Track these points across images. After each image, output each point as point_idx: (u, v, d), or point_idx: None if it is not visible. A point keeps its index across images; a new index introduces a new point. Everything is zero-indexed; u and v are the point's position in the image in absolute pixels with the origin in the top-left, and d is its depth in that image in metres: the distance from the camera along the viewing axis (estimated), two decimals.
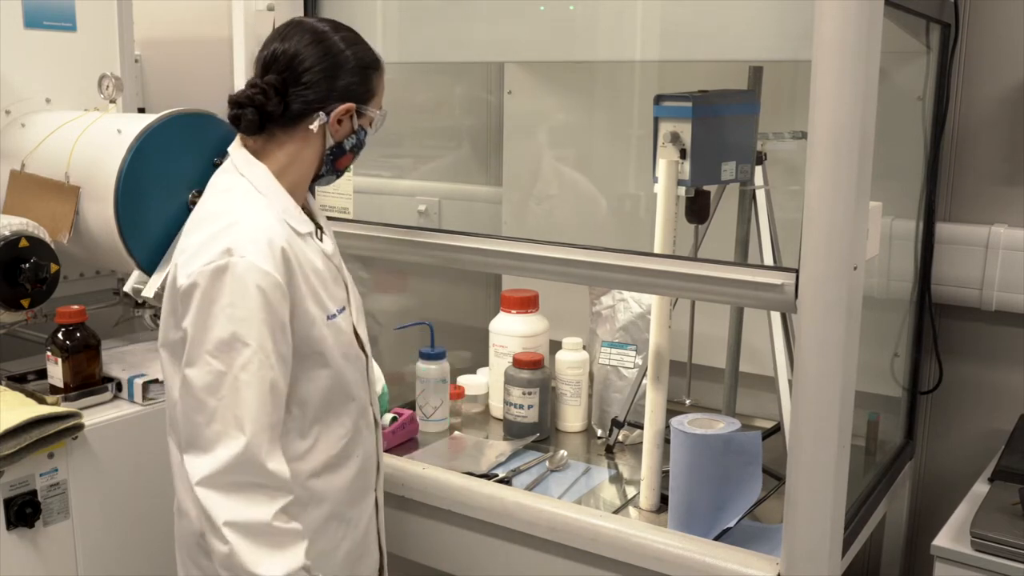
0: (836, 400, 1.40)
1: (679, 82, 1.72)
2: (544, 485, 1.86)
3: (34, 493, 1.74)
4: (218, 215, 1.42)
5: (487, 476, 1.87)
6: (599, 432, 2.10)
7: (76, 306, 1.94)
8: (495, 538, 1.74)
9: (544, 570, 1.70)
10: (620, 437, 2.03)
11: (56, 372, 1.91)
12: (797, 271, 1.40)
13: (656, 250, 1.65)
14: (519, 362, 2.08)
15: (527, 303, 2.20)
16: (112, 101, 2.25)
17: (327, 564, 1.52)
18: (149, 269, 2.00)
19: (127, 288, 2.03)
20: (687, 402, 2.06)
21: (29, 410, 1.74)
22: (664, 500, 1.72)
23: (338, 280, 1.55)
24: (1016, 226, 2.02)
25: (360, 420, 1.55)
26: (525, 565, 1.72)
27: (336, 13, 1.78)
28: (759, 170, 1.80)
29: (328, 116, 1.47)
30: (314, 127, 1.46)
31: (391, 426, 2.00)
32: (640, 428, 1.88)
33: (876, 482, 1.90)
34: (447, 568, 1.84)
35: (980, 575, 1.58)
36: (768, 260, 1.79)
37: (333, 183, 1.65)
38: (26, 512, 1.72)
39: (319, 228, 1.56)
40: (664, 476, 1.73)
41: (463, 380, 2.28)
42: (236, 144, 1.51)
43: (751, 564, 1.51)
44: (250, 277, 1.34)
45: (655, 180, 1.67)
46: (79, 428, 1.80)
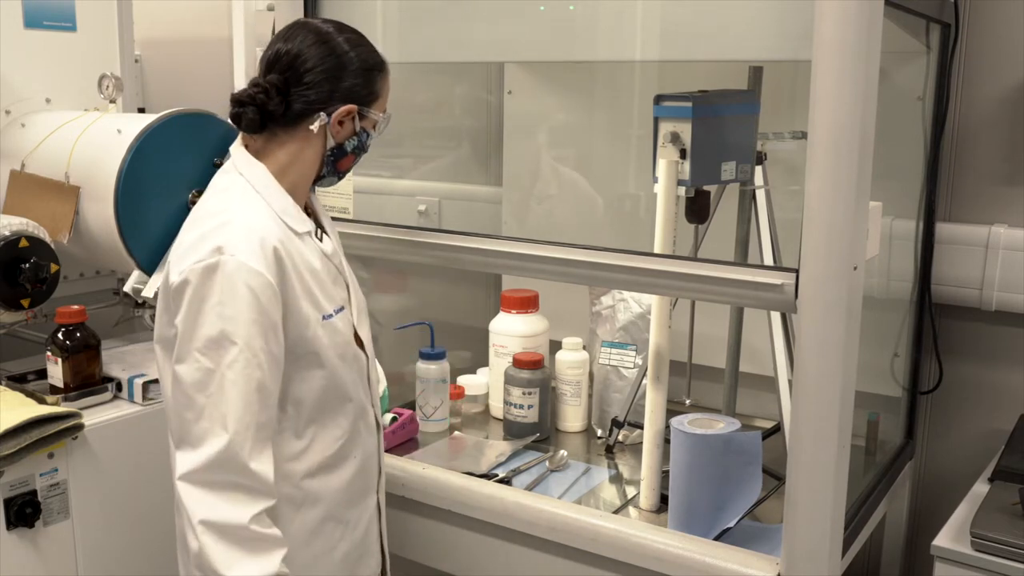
0: (836, 400, 1.40)
1: (679, 82, 1.72)
2: (544, 485, 1.86)
3: (34, 493, 1.74)
4: (213, 214, 1.42)
5: (487, 476, 1.87)
6: (599, 432, 2.10)
7: (76, 306, 1.94)
8: (495, 538, 1.74)
9: (544, 570, 1.70)
10: (620, 437, 2.03)
11: (56, 372, 1.91)
12: (797, 271, 1.40)
13: (656, 250, 1.65)
14: (519, 362, 2.08)
15: (527, 303, 2.20)
16: (112, 101, 2.25)
17: (324, 565, 1.52)
18: (149, 269, 2.00)
19: (127, 288, 2.03)
20: (687, 402, 2.06)
21: (29, 410, 1.74)
22: (664, 500, 1.72)
23: (338, 280, 1.55)
24: (1016, 226, 2.02)
25: (359, 421, 1.55)
26: (525, 565, 1.72)
27: (336, 13, 1.78)
28: (759, 170, 1.80)
29: (329, 117, 1.46)
30: (315, 127, 1.46)
31: (391, 426, 2.00)
32: (640, 428, 1.88)
33: (876, 482, 1.90)
34: (447, 568, 1.84)
35: (980, 575, 1.58)
36: (768, 260, 1.79)
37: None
38: (26, 512, 1.72)
39: (320, 228, 1.56)
40: (664, 476, 1.73)
41: (463, 380, 2.28)
42: (237, 143, 1.51)
43: (751, 564, 1.51)
44: (239, 276, 1.33)
45: (655, 180, 1.67)
46: (79, 428, 1.80)
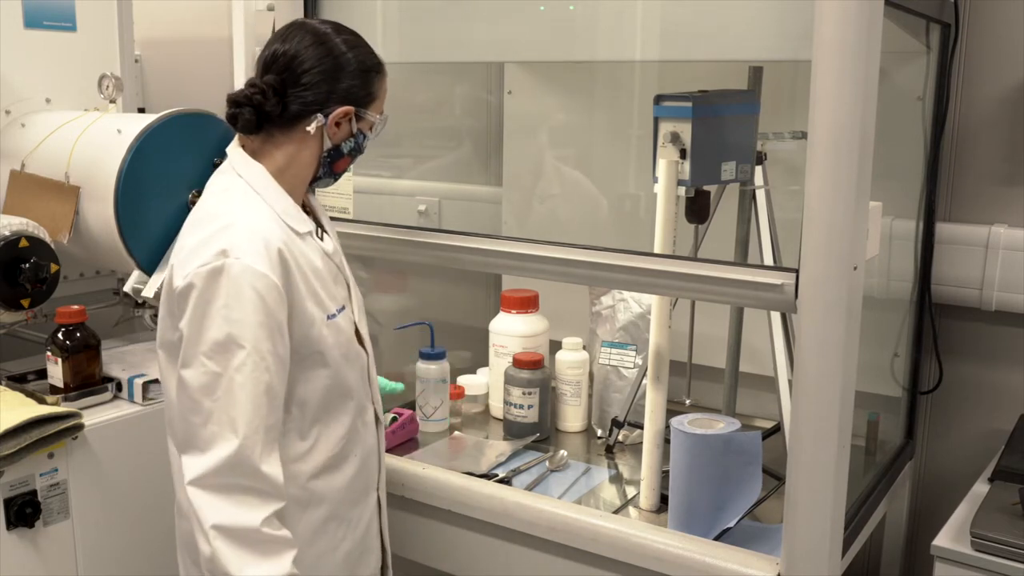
0: (836, 400, 1.40)
1: (679, 82, 1.72)
2: (544, 485, 1.86)
3: (34, 493, 1.74)
4: (215, 216, 1.42)
5: (487, 476, 1.87)
6: (599, 432, 2.10)
7: (76, 306, 1.94)
8: (495, 538, 1.74)
9: (544, 570, 1.70)
10: (620, 437, 2.03)
11: (56, 372, 1.91)
12: (797, 271, 1.40)
13: (656, 250, 1.65)
14: (519, 362, 2.08)
15: (527, 303, 2.20)
16: (112, 101, 2.25)
17: (327, 565, 1.52)
18: (149, 269, 2.01)
19: (127, 288, 2.03)
20: (687, 402, 2.06)
21: (29, 410, 1.74)
22: (664, 500, 1.72)
23: (339, 279, 1.55)
24: (1016, 226, 2.02)
25: (358, 419, 1.55)
26: (525, 565, 1.72)
27: (336, 13, 1.78)
28: (759, 170, 1.80)
29: (326, 118, 1.46)
30: (312, 129, 1.45)
31: (391, 426, 2.00)
32: (640, 428, 1.88)
33: (876, 482, 1.90)
34: (447, 568, 1.84)
35: (980, 575, 1.58)
36: (768, 260, 1.79)
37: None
38: (26, 512, 1.72)
39: (320, 227, 1.56)
40: (664, 476, 1.72)
41: (463, 380, 2.28)
42: (234, 144, 1.51)
43: (751, 564, 1.51)
44: (245, 279, 1.33)
45: (655, 180, 1.66)
46: (79, 428, 1.80)
